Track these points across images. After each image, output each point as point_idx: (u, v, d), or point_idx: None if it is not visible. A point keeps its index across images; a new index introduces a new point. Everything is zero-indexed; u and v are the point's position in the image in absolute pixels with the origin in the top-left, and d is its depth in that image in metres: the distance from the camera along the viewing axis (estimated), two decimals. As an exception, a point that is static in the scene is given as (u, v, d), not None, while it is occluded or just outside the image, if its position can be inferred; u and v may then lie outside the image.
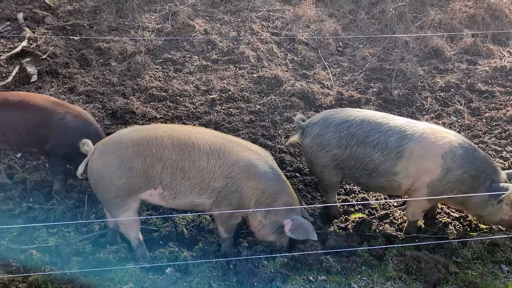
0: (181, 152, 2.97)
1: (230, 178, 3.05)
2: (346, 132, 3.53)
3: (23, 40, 7.12)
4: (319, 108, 5.83)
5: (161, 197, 3.08)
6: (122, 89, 6.09)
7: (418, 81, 6.42)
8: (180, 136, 3.02)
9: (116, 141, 3.03)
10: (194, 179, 3.01)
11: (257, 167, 3.12)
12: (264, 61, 6.92)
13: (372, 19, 8.08)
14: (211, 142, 3.06)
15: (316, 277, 3.05)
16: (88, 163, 3.08)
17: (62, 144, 3.75)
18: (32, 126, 3.76)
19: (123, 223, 3.15)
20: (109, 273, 3.02)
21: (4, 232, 3.55)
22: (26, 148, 3.91)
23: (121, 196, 3.03)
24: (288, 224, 3.13)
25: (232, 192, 3.06)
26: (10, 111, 3.78)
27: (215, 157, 3.02)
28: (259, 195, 3.12)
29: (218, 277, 2.96)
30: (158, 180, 3.00)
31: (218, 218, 3.21)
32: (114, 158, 2.97)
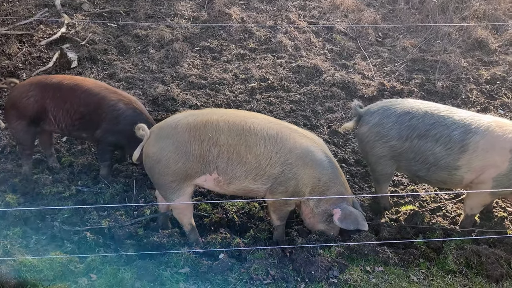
0: (237, 137, 2.93)
1: (287, 165, 3.00)
2: (407, 124, 3.43)
3: (62, 26, 7.20)
4: (360, 99, 5.70)
5: (215, 182, 3.05)
6: (161, 76, 6.10)
7: (462, 73, 6.23)
8: (236, 120, 2.98)
9: (172, 125, 2.99)
10: (250, 165, 2.97)
11: (314, 155, 3.06)
12: (302, 50, 6.82)
13: (411, 9, 7.87)
14: (267, 127, 3.01)
15: (373, 267, 2.98)
16: (143, 148, 3.05)
17: (112, 130, 3.76)
18: (85, 111, 3.77)
19: (178, 208, 3.13)
20: (164, 256, 3.02)
21: (55, 214, 3.60)
22: (76, 133, 3.93)
23: (177, 181, 3.01)
24: (337, 213, 3.09)
25: (289, 179, 3.02)
26: (64, 95, 3.79)
27: (272, 143, 2.97)
28: (314, 182, 3.07)
29: (274, 264, 2.93)
30: (214, 165, 2.97)
31: (272, 205, 3.17)
32: (171, 143, 2.94)
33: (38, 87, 3.82)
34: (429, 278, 2.97)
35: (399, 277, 2.95)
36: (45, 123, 3.87)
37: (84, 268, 2.89)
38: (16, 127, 3.93)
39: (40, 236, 3.31)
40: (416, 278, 2.96)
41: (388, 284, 2.88)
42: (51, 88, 3.81)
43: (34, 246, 3.18)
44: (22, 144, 4.02)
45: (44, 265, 2.83)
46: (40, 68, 6.23)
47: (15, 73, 6.11)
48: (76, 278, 2.82)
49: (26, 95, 3.79)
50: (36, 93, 3.79)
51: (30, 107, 3.80)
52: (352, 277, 2.85)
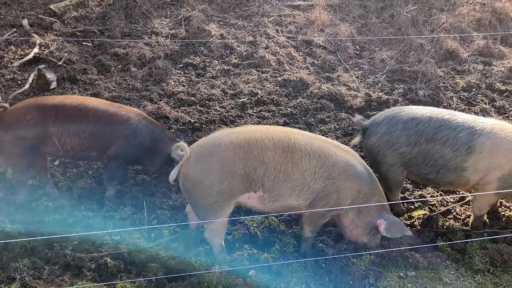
0: (283, 154, 2.89)
1: (331, 179, 3.00)
2: (414, 129, 3.53)
3: (34, 46, 6.89)
4: (349, 109, 5.85)
5: (260, 200, 2.98)
6: (148, 94, 5.96)
7: (440, 81, 6.54)
8: (280, 137, 2.94)
9: (215, 144, 2.89)
10: (296, 181, 2.94)
11: (355, 168, 3.09)
12: (285, 64, 6.92)
13: (383, 23, 8.22)
14: (310, 143, 3.00)
15: (405, 273, 3.02)
16: (181, 168, 2.93)
17: (130, 145, 3.58)
18: (95, 129, 3.59)
19: (213, 229, 3.02)
20: (195, 277, 2.89)
21: (64, 241, 3.38)
22: (83, 153, 3.68)
23: (221, 202, 2.90)
24: (382, 224, 3.12)
25: (331, 192, 3.01)
26: (70, 115, 3.58)
27: (316, 158, 2.96)
28: (355, 195, 3.09)
29: (311, 277, 2.89)
30: (260, 183, 2.90)
31: (307, 218, 3.14)
32: (215, 162, 2.84)
33: (37, 110, 3.57)
34: (460, 278, 3.05)
35: (432, 280, 3.01)
36: (47, 146, 3.62)
37: (115, 294, 2.73)
38: (11, 154, 3.65)
39: (52, 266, 3.08)
40: (448, 280, 3.03)
41: None
42: (53, 109, 3.58)
43: (49, 277, 2.95)
44: (17, 171, 3.76)
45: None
46: (17, 90, 5.90)
47: (-11, 96, 5.75)
48: (107, 306, 2.65)
49: (24, 119, 3.53)
50: (35, 116, 3.53)
51: (30, 131, 3.54)
52: (389, 283, 2.88)
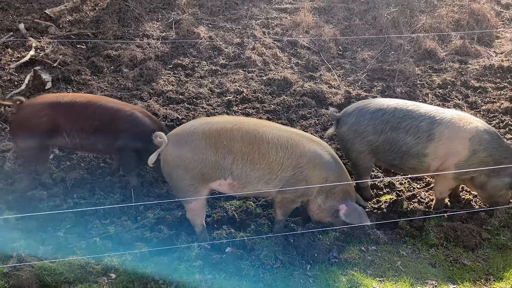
0: (250, 145, 3.15)
1: (298, 168, 3.26)
2: (380, 119, 3.85)
3: (30, 49, 7.20)
4: (330, 106, 6.15)
5: (230, 186, 3.25)
6: (139, 93, 6.26)
7: (417, 79, 6.87)
8: (249, 129, 3.20)
9: (189, 133, 3.18)
10: (263, 170, 3.20)
11: (322, 157, 3.35)
12: (270, 64, 7.24)
13: (366, 25, 8.56)
14: (278, 135, 3.26)
15: (367, 247, 3.33)
16: (161, 154, 3.23)
17: (134, 138, 3.88)
18: (101, 124, 3.88)
19: (193, 209, 3.32)
20: (176, 253, 3.20)
21: (58, 225, 3.67)
22: (91, 146, 4.00)
23: (194, 184, 3.20)
24: (343, 209, 3.40)
25: (300, 180, 3.28)
26: (78, 111, 3.88)
27: (284, 150, 3.21)
28: (322, 182, 3.36)
29: (280, 251, 3.19)
30: (229, 171, 3.17)
31: (279, 203, 3.42)
32: (189, 149, 3.13)
33: (51, 106, 3.89)
34: (416, 252, 3.36)
35: (390, 253, 3.32)
36: (57, 140, 3.94)
37: (101, 268, 3.01)
38: (27, 146, 3.97)
39: (47, 246, 3.37)
40: (405, 253, 3.34)
41: (382, 260, 3.24)
42: (64, 106, 3.90)
43: (43, 255, 3.24)
44: (35, 161, 4.08)
45: (64, 268, 2.92)
46: (14, 91, 6.20)
47: (-13, 96, 6.05)
48: (95, 278, 2.93)
49: (39, 114, 3.85)
50: (49, 112, 3.85)
51: (43, 126, 3.86)
52: (350, 255, 3.18)
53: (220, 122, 3.27)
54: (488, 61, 7.33)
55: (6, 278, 2.89)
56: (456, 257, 3.32)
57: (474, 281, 3.10)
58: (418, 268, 3.19)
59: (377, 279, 3.06)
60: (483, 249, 3.41)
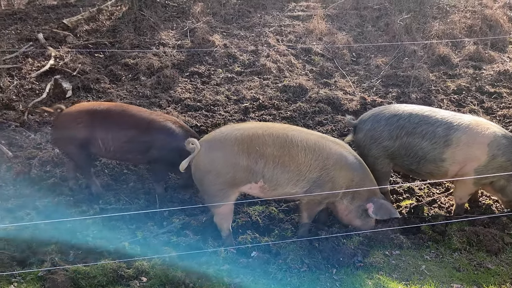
0: (281, 149, 3.27)
1: (325, 170, 3.37)
2: (396, 124, 3.90)
3: (49, 58, 7.36)
4: (346, 112, 6.23)
5: (261, 189, 3.37)
6: (157, 101, 6.38)
7: (432, 85, 6.92)
8: (279, 133, 3.33)
9: (221, 139, 3.29)
10: (293, 172, 3.32)
11: (347, 159, 3.47)
12: (285, 71, 7.34)
13: (379, 31, 8.64)
14: (306, 138, 3.39)
15: (391, 252, 3.38)
16: (193, 160, 3.32)
17: (167, 148, 3.96)
18: (135, 133, 3.98)
19: (221, 214, 3.41)
20: (204, 257, 3.27)
21: (86, 230, 3.77)
22: (125, 155, 4.11)
23: (225, 189, 3.30)
24: (370, 207, 3.50)
25: (326, 181, 3.39)
26: (114, 120, 4.00)
27: (311, 152, 3.34)
28: (349, 183, 3.46)
29: (306, 255, 3.25)
30: (261, 174, 3.29)
31: (306, 205, 3.52)
32: (221, 155, 3.24)
33: (88, 114, 4.02)
34: (440, 256, 3.40)
35: (414, 257, 3.36)
36: (93, 147, 4.05)
37: (133, 272, 3.09)
38: (69, 152, 4.14)
39: (76, 251, 3.46)
40: (429, 257, 3.38)
41: (406, 264, 3.28)
42: (100, 115, 4.02)
43: (75, 259, 3.33)
44: (79, 165, 4.22)
45: (97, 271, 3.01)
46: (35, 99, 6.35)
47: (10, 105, 6.21)
48: (127, 281, 3.01)
49: (76, 121, 3.99)
50: (86, 120, 3.99)
51: (80, 133, 3.99)
52: (375, 259, 3.24)
53: (251, 128, 3.38)
54: (502, 66, 7.36)
55: (41, 282, 2.98)
56: (480, 261, 3.36)
57: (500, 285, 3.13)
58: (443, 272, 3.23)
59: (403, 283, 3.11)
60: (506, 253, 3.44)
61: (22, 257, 3.35)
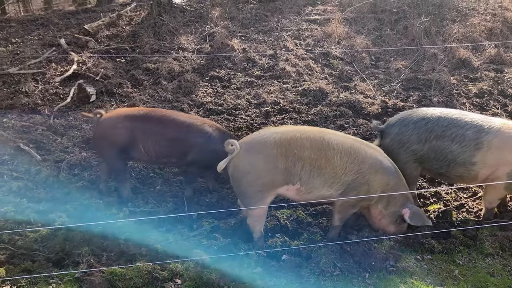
0: (318, 152, 3.32)
1: (360, 173, 3.40)
2: (424, 128, 3.90)
3: (72, 63, 7.49)
4: (367, 116, 6.23)
5: (297, 191, 3.41)
6: (179, 105, 6.44)
7: (453, 89, 6.88)
8: (316, 137, 3.38)
9: (260, 142, 3.35)
10: (328, 175, 3.37)
11: (383, 163, 3.50)
12: (304, 75, 7.36)
13: (397, 35, 8.62)
14: (342, 142, 3.43)
15: (422, 256, 3.38)
16: (231, 161, 3.36)
17: (205, 152, 4.01)
18: (175, 138, 4.04)
19: (256, 215, 3.44)
20: (235, 260, 3.30)
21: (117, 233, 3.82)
22: (165, 159, 4.16)
23: (263, 191, 3.34)
24: (406, 212, 3.50)
25: (362, 184, 3.42)
26: (154, 125, 4.06)
27: (347, 155, 3.38)
28: (384, 187, 3.48)
29: (337, 259, 3.26)
30: (298, 177, 3.34)
31: (339, 207, 3.54)
32: (261, 157, 3.30)
33: (128, 119, 4.09)
34: (472, 261, 3.38)
35: (446, 262, 3.35)
36: (134, 151, 4.12)
37: (167, 274, 3.13)
38: (108, 156, 4.19)
39: (109, 253, 3.51)
40: (461, 262, 3.37)
41: (439, 269, 3.27)
42: (140, 120, 4.08)
43: (107, 262, 3.38)
44: (117, 171, 4.28)
45: (133, 273, 3.06)
46: (60, 103, 6.47)
47: (36, 109, 6.33)
48: (162, 283, 3.05)
49: (116, 126, 4.06)
50: (126, 125, 4.06)
51: (121, 138, 4.05)
52: (407, 264, 3.24)
53: (289, 131, 3.43)
54: (524, 69, 7.28)
55: (78, 283, 3.04)
56: (514, 267, 3.34)
57: (535, 291, 3.11)
58: (477, 277, 3.21)
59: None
60: (540, 259, 3.42)
61: (56, 259, 3.42)
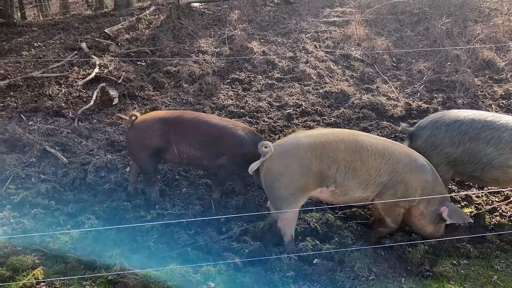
0: (353, 154, 3.30)
1: (395, 173, 3.38)
2: (458, 130, 3.83)
3: (93, 67, 7.56)
4: (391, 118, 6.15)
5: (331, 194, 3.39)
6: (201, 108, 6.45)
7: (478, 90, 6.76)
8: (350, 139, 3.36)
9: (294, 144, 3.34)
10: (363, 177, 3.34)
11: (417, 161, 3.47)
12: (325, 77, 7.31)
13: (418, 36, 8.52)
14: (374, 143, 3.41)
15: (458, 261, 3.30)
16: (265, 163, 3.34)
17: (238, 154, 4.01)
18: (208, 140, 4.05)
19: (287, 219, 3.40)
20: (267, 263, 3.27)
21: (145, 235, 3.82)
22: (197, 161, 4.17)
23: (296, 194, 3.32)
24: (445, 210, 3.45)
25: (398, 182, 3.38)
26: (187, 128, 4.08)
27: (381, 156, 3.36)
28: (423, 185, 3.44)
29: (372, 263, 3.21)
30: (332, 179, 3.32)
31: (382, 210, 3.50)
32: (295, 160, 3.28)
33: (162, 122, 4.11)
34: (511, 266, 3.30)
35: (483, 267, 3.27)
36: (167, 154, 4.14)
37: (200, 277, 3.11)
38: (141, 158, 4.21)
39: (139, 255, 3.51)
40: (499, 267, 3.29)
41: (476, 274, 3.20)
42: (174, 122, 4.10)
43: (138, 264, 3.38)
44: (148, 173, 4.29)
45: (167, 276, 3.05)
46: (84, 107, 6.52)
47: (60, 112, 6.39)
48: (196, 287, 3.04)
49: (151, 129, 4.08)
50: (160, 127, 4.07)
51: (155, 140, 4.07)
52: (444, 269, 3.17)
53: (322, 134, 3.41)
54: (551, 70, 7.13)
55: (112, 285, 3.04)
56: (556, 273, 3.24)
57: None
58: (517, 283, 3.14)
59: (475, 293, 3.03)
60: None
61: (88, 261, 3.43)
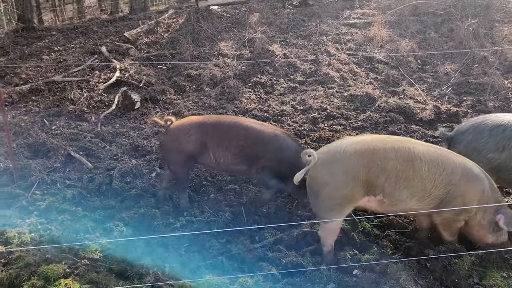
0: (405, 163, 3.13)
1: (452, 185, 3.19)
2: (502, 135, 3.67)
3: (114, 71, 7.52)
4: (419, 122, 5.98)
5: (379, 203, 3.22)
6: (224, 112, 6.35)
7: (509, 93, 6.56)
8: (401, 147, 3.17)
9: (339, 152, 3.17)
10: (416, 187, 3.15)
11: (472, 170, 3.29)
12: (349, 80, 7.17)
13: (443, 37, 8.33)
14: (428, 151, 3.22)
15: (508, 273, 3.14)
16: (309, 171, 3.20)
17: (277, 159, 3.90)
18: (245, 144, 3.95)
19: (329, 229, 3.27)
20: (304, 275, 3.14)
21: (176, 244, 3.72)
22: (234, 166, 4.06)
23: (342, 204, 3.17)
24: (501, 218, 3.28)
25: (456, 197, 3.20)
26: (224, 132, 3.99)
27: (435, 166, 3.16)
28: (480, 195, 3.27)
29: (417, 275, 3.06)
30: (380, 188, 3.14)
31: (441, 224, 3.36)
32: (340, 168, 3.12)
33: (198, 126, 4.04)
34: None
35: (536, 280, 3.11)
36: (203, 158, 4.06)
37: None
38: (176, 163, 4.14)
39: (172, 264, 3.41)
40: (552, 280, 3.12)
41: (529, 287, 3.03)
42: (211, 127, 4.02)
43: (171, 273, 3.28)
44: (180, 178, 4.22)
45: (203, 287, 2.95)
46: (106, 111, 6.47)
47: (82, 117, 6.34)
48: (234, 299, 2.94)
49: (188, 133, 4.01)
50: (197, 132, 4.00)
51: (191, 145, 4.00)
52: (494, 282, 3.01)
53: (370, 141, 3.23)
54: None
55: (146, 296, 2.94)
56: None
57: None
58: None
59: (530, 309, 2.87)
60: None
61: (119, 269, 3.33)
